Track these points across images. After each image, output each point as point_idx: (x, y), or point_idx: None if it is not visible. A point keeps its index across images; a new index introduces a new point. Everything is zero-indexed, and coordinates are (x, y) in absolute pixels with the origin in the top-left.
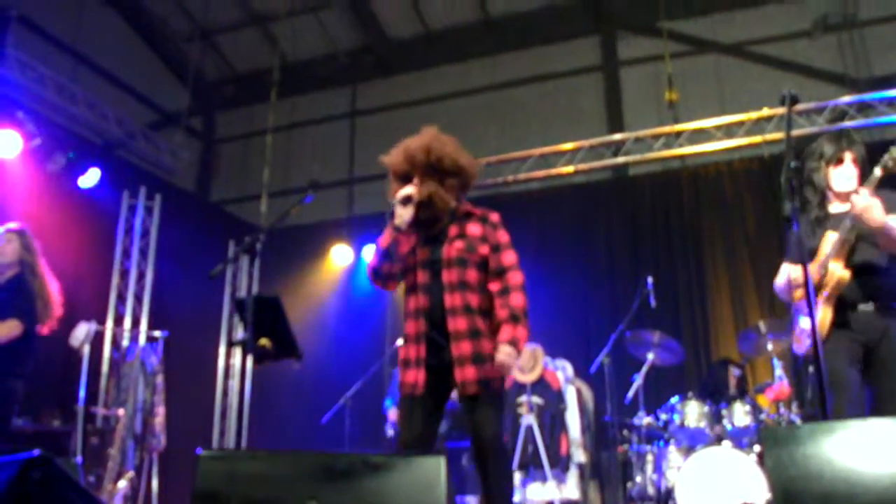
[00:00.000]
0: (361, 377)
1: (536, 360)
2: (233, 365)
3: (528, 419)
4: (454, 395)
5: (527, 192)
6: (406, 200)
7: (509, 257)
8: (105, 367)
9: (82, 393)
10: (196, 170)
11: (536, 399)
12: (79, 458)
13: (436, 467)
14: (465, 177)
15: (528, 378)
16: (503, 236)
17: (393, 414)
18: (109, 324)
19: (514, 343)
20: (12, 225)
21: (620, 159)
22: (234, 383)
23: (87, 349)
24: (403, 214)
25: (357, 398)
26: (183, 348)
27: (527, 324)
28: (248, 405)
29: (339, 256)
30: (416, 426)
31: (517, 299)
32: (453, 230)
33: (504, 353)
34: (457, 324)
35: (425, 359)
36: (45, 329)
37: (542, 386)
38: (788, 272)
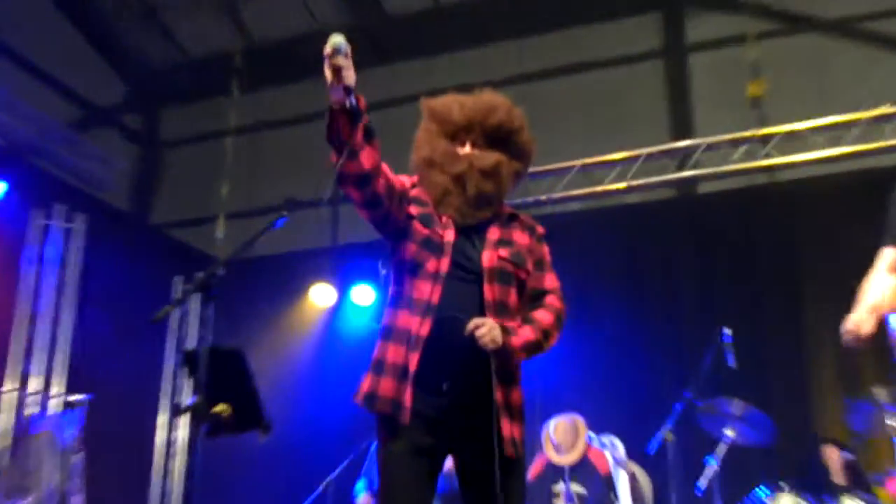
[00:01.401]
0: (348, 454)
1: (577, 435)
2: (177, 438)
3: None
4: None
5: (564, 214)
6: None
7: (552, 280)
8: (3, 443)
9: None
10: (133, 182)
11: (577, 487)
12: None
13: None
14: (524, 166)
15: (565, 459)
16: (547, 254)
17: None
18: (10, 385)
19: (508, 328)
20: None
21: (688, 173)
22: (178, 463)
23: None
24: (346, 77)
25: (343, 482)
26: (111, 417)
27: (539, 339)
28: (197, 492)
29: (319, 297)
30: (405, 491)
31: (547, 317)
32: (494, 232)
33: (485, 324)
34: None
35: (414, 374)
36: None
37: (584, 470)
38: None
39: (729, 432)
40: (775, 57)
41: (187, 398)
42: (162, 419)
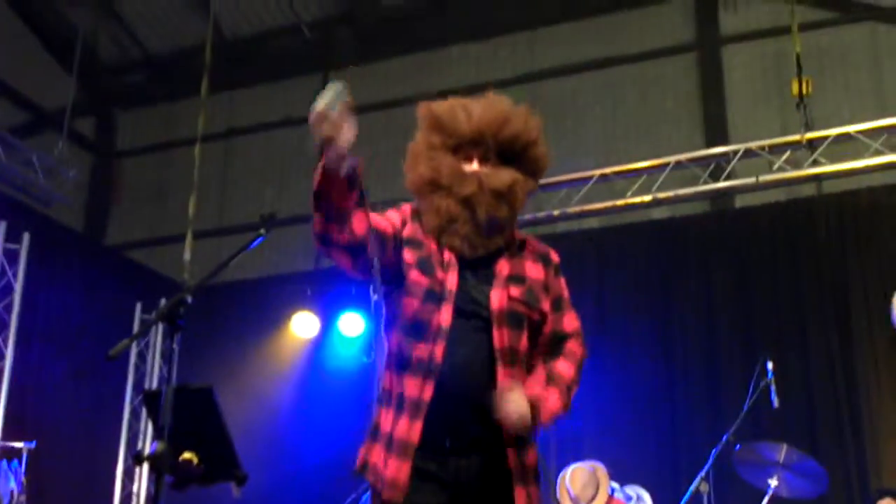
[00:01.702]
0: None
1: (598, 486)
2: (138, 492)
3: None
4: None
5: (581, 231)
6: (342, 96)
7: (572, 321)
8: None
9: None
10: (86, 197)
11: None
12: None
13: None
14: (538, 184)
15: None
16: (565, 288)
17: None
18: None
19: (535, 401)
20: None
21: (723, 184)
22: None
23: None
24: (336, 135)
25: None
26: (59, 467)
27: (566, 401)
28: None
29: (301, 327)
30: None
31: (569, 371)
32: (504, 266)
33: (512, 401)
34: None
35: (417, 444)
36: None
37: None
38: None
39: (773, 482)
40: (824, 50)
41: (149, 445)
42: (120, 469)
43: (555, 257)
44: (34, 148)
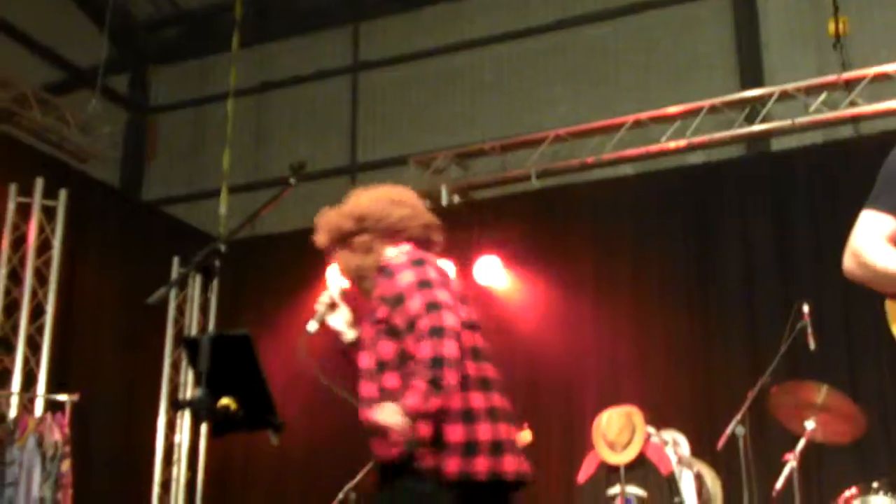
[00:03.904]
0: (371, 459)
1: (634, 430)
2: (178, 443)
3: None
4: None
5: (616, 179)
6: (327, 307)
7: (415, 302)
8: None
9: None
10: (121, 152)
11: (635, 490)
12: None
13: None
14: (373, 224)
15: (620, 458)
16: (403, 278)
17: None
18: None
19: (407, 409)
20: None
21: (759, 127)
22: (181, 470)
23: None
24: (335, 324)
25: (365, 489)
26: (102, 418)
27: (437, 380)
28: (201, 499)
29: (336, 278)
30: None
31: (425, 349)
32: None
33: (380, 411)
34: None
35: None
36: None
37: (643, 470)
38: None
39: (810, 424)
40: None
41: (189, 393)
42: (161, 421)
43: (389, 264)
44: (69, 105)
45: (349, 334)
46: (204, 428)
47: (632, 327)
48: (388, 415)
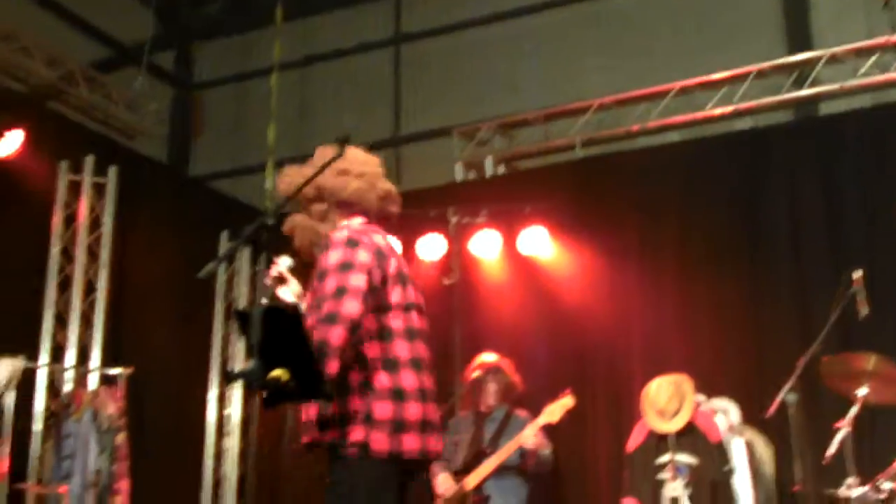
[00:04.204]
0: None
1: (683, 398)
2: (229, 415)
3: (675, 488)
4: None
5: (661, 147)
6: (279, 281)
7: (329, 283)
8: (38, 425)
9: (3, 463)
10: (168, 128)
11: (685, 457)
12: None
13: None
14: (332, 195)
15: (669, 426)
16: (331, 257)
17: (442, 485)
18: (43, 359)
19: None
20: None
21: (807, 91)
22: (233, 441)
23: (10, 398)
24: (286, 297)
25: None
26: (155, 391)
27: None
28: (254, 472)
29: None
30: None
31: (317, 333)
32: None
33: None
34: None
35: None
36: None
37: (692, 438)
38: None
39: (862, 392)
40: None
41: (240, 365)
42: (213, 394)
43: (333, 237)
44: (116, 82)
45: (301, 307)
46: (255, 399)
47: (679, 295)
48: None
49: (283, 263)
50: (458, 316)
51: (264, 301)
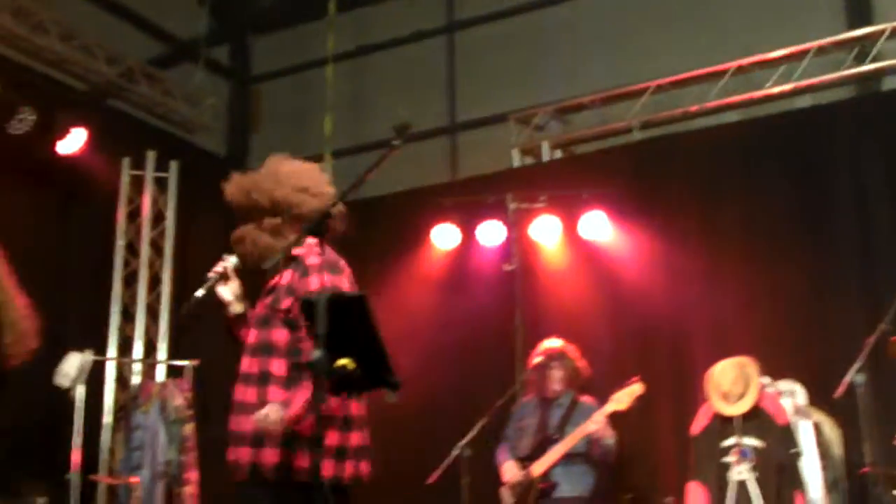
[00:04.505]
0: (483, 415)
1: (748, 381)
2: None
3: (741, 471)
4: None
5: (720, 127)
6: (219, 278)
7: (314, 282)
8: (108, 417)
9: (76, 455)
10: (226, 122)
11: (751, 440)
12: None
13: None
14: (289, 210)
15: (734, 409)
16: (313, 282)
17: (508, 472)
18: (112, 352)
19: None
20: None
21: (869, 66)
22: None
23: (79, 391)
24: (224, 296)
25: (479, 447)
26: (221, 382)
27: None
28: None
29: (441, 238)
30: None
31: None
32: (272, 281)
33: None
34: (245, 394)
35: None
36: (13, 360)
37: (758, 421)
38: None
39: None
40: None
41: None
42: None
43: (308, 259)
44: (174, 78)
45: (236, 307)
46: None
47: (741, 277)
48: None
49: (230, 261)
50: (519, 302)
51: (221, 291)
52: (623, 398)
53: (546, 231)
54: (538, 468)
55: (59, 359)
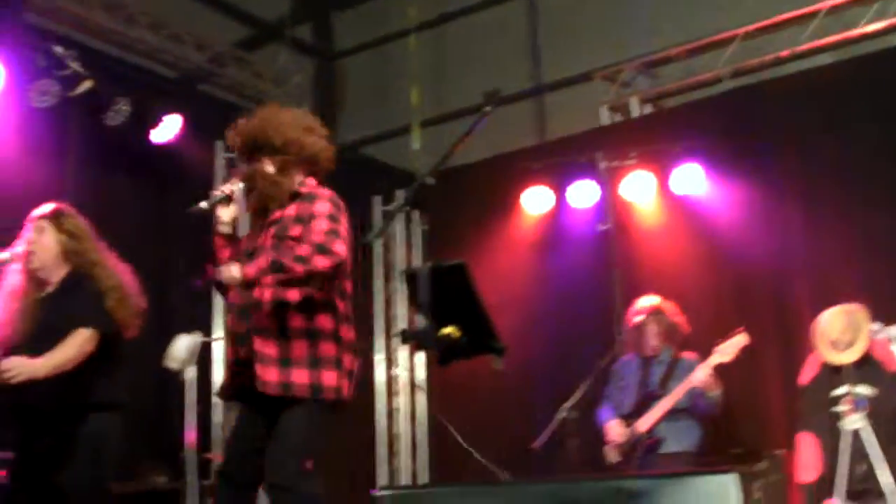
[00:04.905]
0: (585, 378)
1: (858, 328)
2: (397, 375)
3: (854, 420)
4: None
5: (813, 70)
6: (223, 199)
7: (320, 224)
8: (217, 397)
9: (190, 434)
10: (312, 99)
11: (864, 389)
12: None
13: (726, 487)
14: (299, 151)
15: (844, 357)
16: (322, 207)
17: (613, 430)
18: (217, 334)
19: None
20: (42, 209)
21: None
22: (402, 400)
23: (192, 372)
24: (221, 215)
25: (582, 410)
26: None
27: (260, 265)
28: (427, 429)
29: (532, 202)
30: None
31: (301, 248)
32: (276, 214)
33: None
34: (261, 321)
35: (232, 360)
36: (130, 331)
37: (869, 368)
38: None
39: None
40: None
41: (411, 325)
42: (379, 357)
43: (319, 192)
44: (260, 59)
45: (225, 228)
46: (421, 358)
47: (844, 222)
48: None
49: (238, 186)
50: (614, 261)
51: (221, 211)
52: (728, 350)
53: (639, 188)
54: (643, 425)
55: (167, 342)
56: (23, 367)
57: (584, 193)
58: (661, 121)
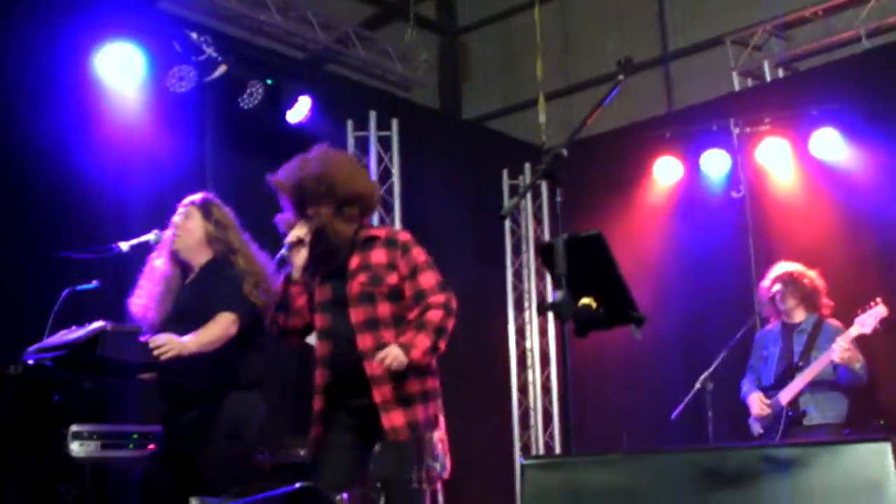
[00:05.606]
0: (722, 347)
1: None
2: (530, 347)
3: None
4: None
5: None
6: (297, 244)
7: (428, 279)
8: None
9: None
10: (437, 76)
11: None
12: (344, 494)
13: (879, 456)
14: (364, 203)
15: None
16: (419, 256)
17: (756, 403)
18: None
19: (406, 347)
20: (192, 197)
21: None
22: (535, 372)
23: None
24: (296, 261)
25: (720, 380)
26: (457, 329)
27: (435, 339)
28: (561, 402)
29: (663, 172)
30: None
31: (434, 314)
32: (354, 261)
33: (383, 353)
34: (373, 368)
35: (322, 412)
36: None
37: None
38: None
39: None
40: None
41: (546, 296)
42: (511, 329)
43: (402, 237)
44: (385, 38)
45: (296, 272)
46: (552, 330)
47: None
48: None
49: (305, 230)
50: (751, 229)
51: (294, 257)
52: (867, 321)
53: (774, 154)
54: (785, 396)
55: None
56: (173, 344)
57: (716, 161)
58: (795, 84)
